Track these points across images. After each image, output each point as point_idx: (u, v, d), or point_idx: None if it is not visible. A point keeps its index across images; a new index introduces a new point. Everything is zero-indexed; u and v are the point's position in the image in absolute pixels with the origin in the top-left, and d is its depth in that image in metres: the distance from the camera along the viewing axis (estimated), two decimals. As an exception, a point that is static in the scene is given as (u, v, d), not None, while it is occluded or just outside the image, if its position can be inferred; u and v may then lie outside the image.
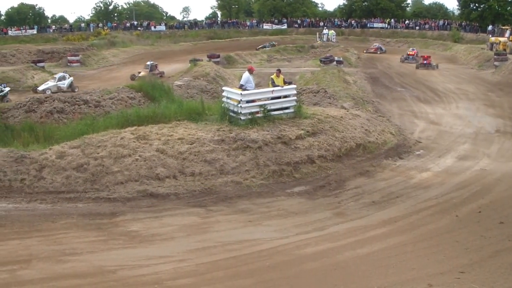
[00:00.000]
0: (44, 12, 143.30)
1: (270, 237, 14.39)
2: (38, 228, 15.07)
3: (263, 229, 15.01)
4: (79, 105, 27.88)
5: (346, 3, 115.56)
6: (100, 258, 13.20)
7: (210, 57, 54.96)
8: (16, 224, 15.26)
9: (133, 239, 14.38)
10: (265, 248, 13.75)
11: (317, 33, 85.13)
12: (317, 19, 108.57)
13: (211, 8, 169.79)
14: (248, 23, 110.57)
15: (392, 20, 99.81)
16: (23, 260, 13.08)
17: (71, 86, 38.93)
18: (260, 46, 69.04)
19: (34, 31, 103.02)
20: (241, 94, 20.76)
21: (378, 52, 69.85)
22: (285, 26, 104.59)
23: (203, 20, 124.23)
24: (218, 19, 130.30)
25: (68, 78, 39.72)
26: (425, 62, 54.28)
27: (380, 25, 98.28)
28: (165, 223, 15.44)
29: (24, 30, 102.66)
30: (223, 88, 23.50)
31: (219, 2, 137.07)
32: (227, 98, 21.67)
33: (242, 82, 22.32)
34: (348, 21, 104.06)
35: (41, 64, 53.74)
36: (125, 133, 19.81)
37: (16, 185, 17.53)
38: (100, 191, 17.14)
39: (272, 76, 23.11)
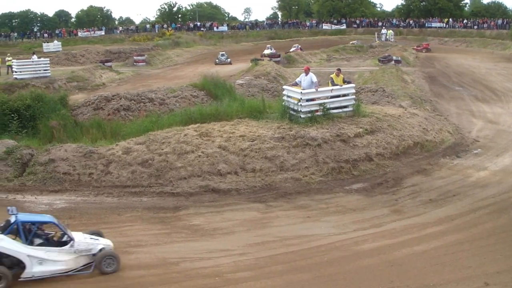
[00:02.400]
0: (112, 14, 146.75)
1: (328, 233, 14.60)
2: (105, 220, 15.71)
3: (321, 225, 15.22)
4: (144, 103, 28.38)
5: (404, 3, 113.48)
6: (164, 251, 13.69)
7: (271, 56, 55.02)
8: (85, 216, 15.95)
9: (195, 232, 14.83)
10: (323, 243, 13.97)
11: (376, 33, 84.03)
12: (376, 19, 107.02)
13: (272, 9, 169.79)
14: (307, 24, 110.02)
15: (450, 19, 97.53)
16: (91, 250, 13.67)
17: None
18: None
19: (102, 32, 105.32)
20: (301, 93, 20.94)
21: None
22: (344, 26, 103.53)
23: (264, 21, 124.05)
24: (279, 19, 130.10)
25: None
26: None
27: (438, 24, 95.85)
28: (226, 217, 15.83)
29: (92, 32, 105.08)
30: (284, 87, 23.61)
31: (279, 3, 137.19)
32: (288, 96, 21.86)
33: (296, 80, 22.59)
34: (406, 21, 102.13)
35: (109, 64, 54.79)
36: (188, 130, 20.31)
37: (84, 179, 18.25)
38: (164, 186, 17.67)
39: (331, 75, 23.18)
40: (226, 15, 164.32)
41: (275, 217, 15.86)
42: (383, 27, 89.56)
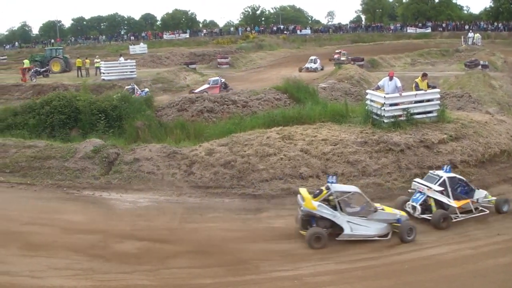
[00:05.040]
0: (196, 17, 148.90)
1: (410, 240, 14.33)
2: (187, 220, 16.03)
3: (403, 231, 14.94)
4: (227, 105, 28.71)
5: (492, 5, 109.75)
6: (244, 251, 13.86)
7: (354, 60, 54.43)
8: (168, 215, 16.34)
9: (276, 235, 14.86)
10: (404, 250, 13.78)
11: (462, 37, 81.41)
12: (462, 22, 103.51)
13: (355, 12, 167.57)
14: (392, 27, 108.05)
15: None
16: (173, 249, 14.04)
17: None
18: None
19: (187, 35, 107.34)
20: (384, 97, 20.68)
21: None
22: (429, 30, 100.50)
23: (347, 24, 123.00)
24: (362, 22, 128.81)
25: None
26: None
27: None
28: (307, 221, 15.71)
29: (177, 34, 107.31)
30: (367, 91, 23.31)
31: (363, 6, 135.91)
32: (371, 101, 21.59)
33: (379, 83, 22.32)
34: (495, 24, 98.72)
35: (193, 66, 55.63)
36: (271, 133, 20.39)
37: (168, 179, 18.63)
38: (246, 188, 17.79)
39: (416, 80, 22.76)
40: (309, 18, 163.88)
41: (356, 222, 15.65)
42: (470, 31, 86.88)
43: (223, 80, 38.55)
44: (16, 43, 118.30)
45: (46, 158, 20.31)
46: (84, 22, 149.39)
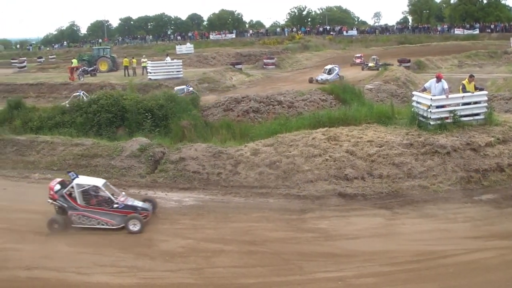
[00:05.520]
0: (242, 17, 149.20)
1: (455, 244, 14.12)
2: (232, 219, 16.12)
3: (448, 235, 14.72)
4: (273, 106, 28.78)
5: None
6: (288, 252, 13.86)
7: (401, 61, 53.82)
8: (212, 214, 16.45)
9: (320, 236, 14.85)
10: (450, 254, 13.56)
11: (511, 38, 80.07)
12: (511, 23, 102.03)
13: (402, 13, 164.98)
14: (439, 28, 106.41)
15: None
16: (218, 248, 14.14)
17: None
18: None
19: (233, 35, 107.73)
20: (431, 99, 20.46)
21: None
22: (477, 31, 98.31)
23: (394, 25, 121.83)
24: (409, 24, 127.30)
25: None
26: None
27: None
28: (351, 222, 15.70)
29: (224, 35, 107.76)
30: (413, 92, 23.08)
31: (410, 7, 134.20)
32: (417, 102, 21.38)
33: (425, 85, 22.06)
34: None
35: (239, 66, 55.85)
36: (316, 134, 20.36)
37: (213, 179, 18.81)
38: (290, 188, 17.82)
39: (463, 82, 22.44)
40: (356, 19, 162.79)
41: (400, 225, 15.54)
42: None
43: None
44: (65, 42, 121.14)
45: (93, 156, 20.73)
46: (132, 22, 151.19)
